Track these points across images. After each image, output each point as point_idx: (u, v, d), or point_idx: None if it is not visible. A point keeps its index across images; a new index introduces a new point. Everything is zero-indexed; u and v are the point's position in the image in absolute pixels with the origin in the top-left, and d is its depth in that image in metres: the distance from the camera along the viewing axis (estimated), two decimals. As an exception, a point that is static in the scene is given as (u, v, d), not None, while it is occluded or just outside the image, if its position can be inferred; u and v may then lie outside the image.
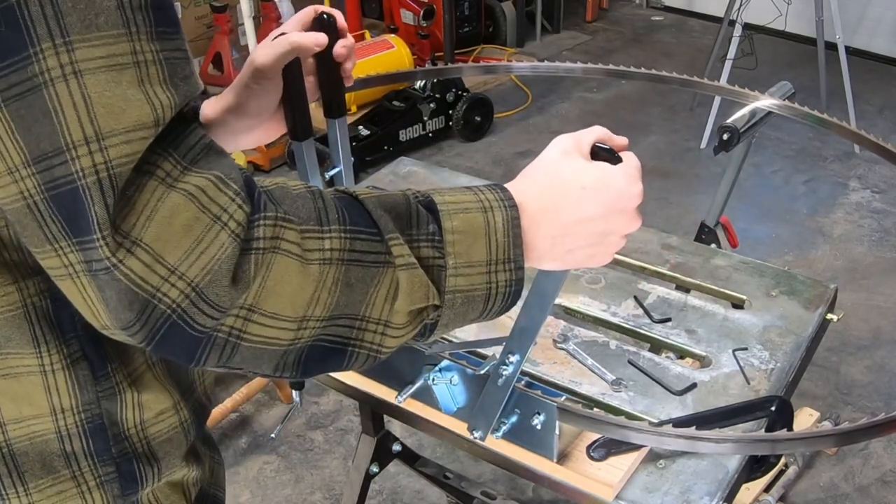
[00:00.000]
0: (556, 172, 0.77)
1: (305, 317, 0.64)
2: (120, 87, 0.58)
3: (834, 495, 2.36)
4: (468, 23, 5.03)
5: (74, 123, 0.57)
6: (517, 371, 1.01)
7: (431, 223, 0.70)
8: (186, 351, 0.62)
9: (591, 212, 0.76)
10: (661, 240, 1.60)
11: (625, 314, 1.41)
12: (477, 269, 0.70)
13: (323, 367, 0.68)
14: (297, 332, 0.64)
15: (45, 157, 0.58)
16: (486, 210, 0.72)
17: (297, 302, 0.63)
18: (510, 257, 0.72)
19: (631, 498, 1.10)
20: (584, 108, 4.54)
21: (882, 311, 3.04)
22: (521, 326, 0.96)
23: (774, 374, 1.28)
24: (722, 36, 4.01)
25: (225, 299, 0.61)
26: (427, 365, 1.14)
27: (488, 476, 2.40)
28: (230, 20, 4.51)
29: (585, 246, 0.77)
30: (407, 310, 0.68)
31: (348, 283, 0.65)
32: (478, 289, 0.71)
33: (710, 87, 1.69)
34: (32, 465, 0.78)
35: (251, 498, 2.42)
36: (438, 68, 3.28)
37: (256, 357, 0.64)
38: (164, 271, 0.59)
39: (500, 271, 0.72)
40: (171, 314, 0.60)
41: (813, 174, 3.91)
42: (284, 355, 0.65)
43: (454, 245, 0.70)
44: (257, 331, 0.63)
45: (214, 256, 0.60)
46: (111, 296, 0.59)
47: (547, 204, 0.75)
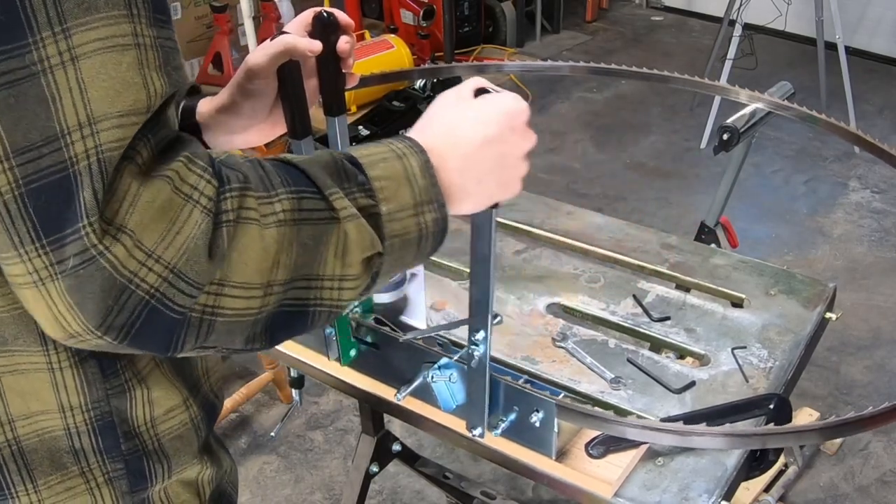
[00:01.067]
0: (445, 113, 0.82)
1: (270, 282, 0.65)
2: (120, 69, 0.58)
3: (834, 495, 2.36)
4: (468, 23, 5.03)
5: (70, 108, 0.57)
6: (488, 348, 1.01)
7: (360, 174, 0.72)
8: (164, 337, 0.62)
9: (485, 133, 0.79)
10: (661, 239, 1.60)
11: (624, 313, 1.42)
12: (407, 212, 0.73)
13: (289, 331, 0.69)
14: (264, 300, 0.65)
15: (30, 148, 0.57)
16: (400, 157, 0.75)
17: (263, 268, 0.64)
18: (432, 198, 0.75)
19: (630, 495, 1.10)
20: (584, 108, 4.54)
21: (882, 311, 3.04)
22: (476, 300, 0.97)
23: (773, 372, 1.28)
24: (722, 36, 4.01)
25: (203, 275, 0.61)
26: (426, 363, 1.14)
27: (488, 476, 2.40)
28: (230, 20, 4.52)
29: (491, 171, 0.80)
30: (360, 259, 0.70)
31: (303, 243, 0.66)
32: (411, 231, 0.74)
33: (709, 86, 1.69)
34: (41, 461, 0.78)
35: (251, 498, 2.42)
36: (438, 67, 3.28)
37: (230, 331, 0.65)
38: (141, 255, 0.59)
39: (427, 212, 0.75)
40: (150, 299, 0.60)
41: (813, 174, 3.91)
42: (254, 325, 0.66)
43: (383, 191, 0.72)
44: (230, 304, 0.63)
45: (190, 235, 0.60)
46: (92, 290, 0.59)
47: (446, 141, 0.79)
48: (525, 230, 1.65)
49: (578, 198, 3.70)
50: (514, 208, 1.71)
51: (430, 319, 1.37)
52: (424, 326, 1.25)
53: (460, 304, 1.43)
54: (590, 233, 1.62)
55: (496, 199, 0.83)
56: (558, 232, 1.63)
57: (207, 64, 4.63)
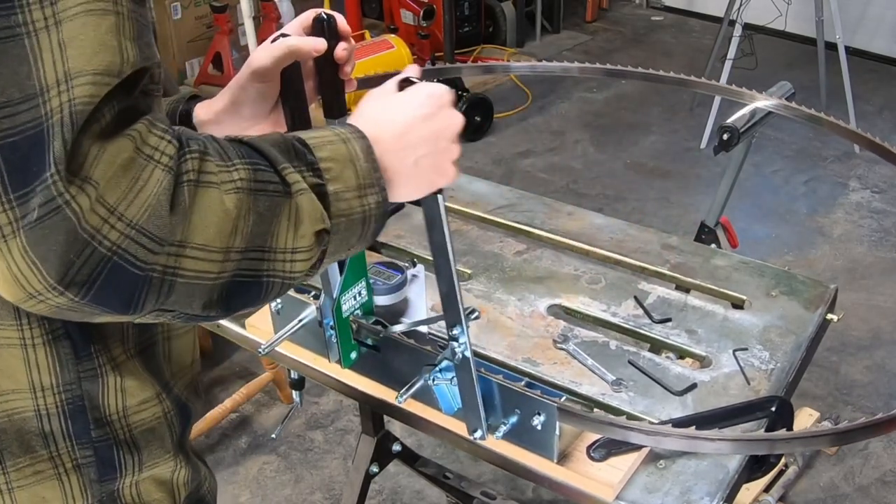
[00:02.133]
0: (377, 103, 0.85)
1: (229, 248, 0.66)
2: (99, 31, 0.61)
3: (834, 495, 2.36)
4: (468, 23, 5.03)
5: (50, 67, 0.59)
6: (468, 345, 1.02)
7: (308, 154, 0.74)
8: (125, 295, 0.63)
9: (414, 113, 0.83)
10: (661, 240, 1.60)
11: (625, 314, 1.41)
12: (352, 193, 0.75)
13: (243, 301, 0.71)
14: (223, 265, 0.66)
15: (9, 104, 0.58)
16: (344, 141, 0.77)
17: (223, 232, 0.66)
18: (374, 181, 0.77)
19: (631, 498, 1.10)
20: (584, 108, 4.54)
21: (882, 311, 3.04)
22: (444, 293, 0.97)
23: (774, 374, 1.28)
24: (722, 36, 4.01)
25: (165, 231, 0.62)
26: (427, 365, 1.14)
27: (488, 476, 2.40)
28: (230, 20, 4.51)
29: (426, 153, 0.83)
30: (311, 231, 0.72)
31: (259, 213, 0.68)
32: (356, 212, 0.76)
33: (709, 86, 1.69)
34: (10, 443, 0.78)
35: (251, 498, 2.42)
36: (438, 68, 3.27)
37: (189, 294, 0.66)
38: (104, 212, 0.60)
39: (369, 194, 0.77)
40: (112, 255, 0.61)
41: (813, 174, 3.91)
42: (211, 291, 0.67)
43: (329, 172, 0.74)
44: (190, 265, 0.65)
45: (153, 192, 0.62)
46: (55, 242, 0.59)
47: (381, 127, 0.81)
48: (525, 231, 1.65)
49: (578, 198, 3.70)
50: (515, 209, 1.71)
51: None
52: (425, 329, 1.25)
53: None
54: (590, 233, 1.62)
55: (435, 184, 0.87)
56: (559, 232, 1.63)
57: (207, 64, 4.62)
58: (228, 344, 2.49)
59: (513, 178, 3.88)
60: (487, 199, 1.74)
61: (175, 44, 4.62)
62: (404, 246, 1.61)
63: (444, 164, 0.86)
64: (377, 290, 1.29)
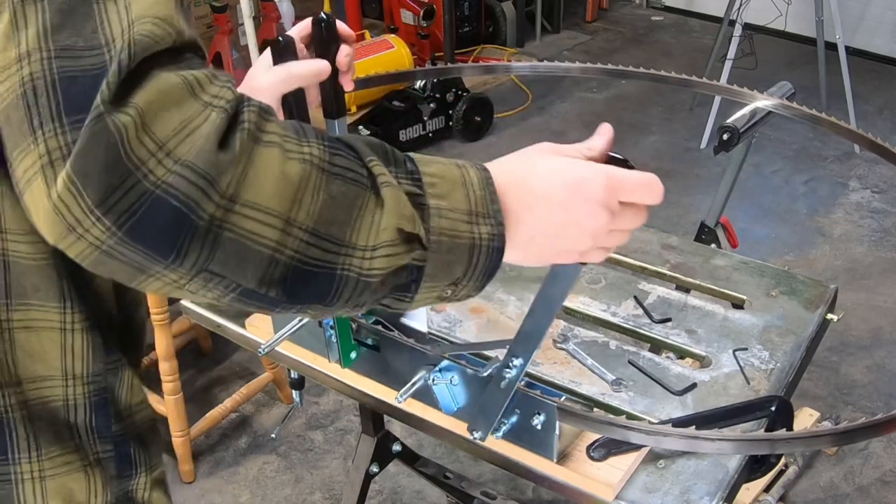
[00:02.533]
0: (525, 157, 0.77)
1: (290, 219, 0.61)
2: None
3: (834, 495, 2.36)
4: (468, 23, 5.03)
5: (116, 23, 0.60)
6: (520, 375, 1.01)
7: (409, 163, 0.69)
8: (167, 236, 0.58)
9: (552, 191, 0.74)
10: (661, 240, 1.60)
11: (625, 314, 1.41)
12: (459, 215, 0.68)
13: (311, 291, 0.64)
14: (283, 235, 0.61)
15: (73, 49, 0.59)
16: (459, 167, 0.72)
17: (281, 195, 0.61)
18: (490, 212, 0.70)
19: (631, 498, 1.10)
20: (584, 108, 4.54)
21: (882, 311, 3.04)
22: (526, 331, 0.97)
23: (774, 374, 1.28)
24: (722, 36, 4.01)
25: (214, 169, 0.58)
26: (427, 365, 1.14)
27: (488, 476, 2.40)
28: (230, 20, 4.51)
29: (545, 236, 0.75)
30: (394, 226, 0.65)
31: (331, 195, 0.63)
32: (462, 235, 0.68)
33: (709, 86, 1.69)
34: (46, 430, 0.78)
35: (251, 498, 2.42)
36: (438, 68, 3.28)
37: (241, 256, 0.60)
38: (152, 146, 0.58)
39: (482, 224, 0.70)
40: (156, 190, 0.57)
41: (813, 174, 3.91)
42: (269, 264, 0.61)
43: (434, 187, 0.68)
44: (240, 222, 0.60)
45: (204, 130, 0.59)
46: (96, 158, 0.57)
47: (513, 178, 0.74)
48: (526, 231, 1.65)
49: (578, 198, 3.69)
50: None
51: (430, 321, 1.37)
52: (425, 328, 1.25)
53: (460, 304, 1.43)
54: (590, 234, 1.62)
55: (545, 262, 0.78)
56: (559, 233, 1.63)
57: (208, 64, 4.62)
58: (228, 344, 2.48)
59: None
60: (487, 199, 1.73)
61: (175, 44, 4.61)
62: (404, 246, 1.60)
63: (567, 252, 0.77)
64: (377, 290, 1.29)
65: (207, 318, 1.47)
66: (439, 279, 0.69)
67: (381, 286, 0.67)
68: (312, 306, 0.66)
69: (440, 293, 0.71)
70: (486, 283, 0.72)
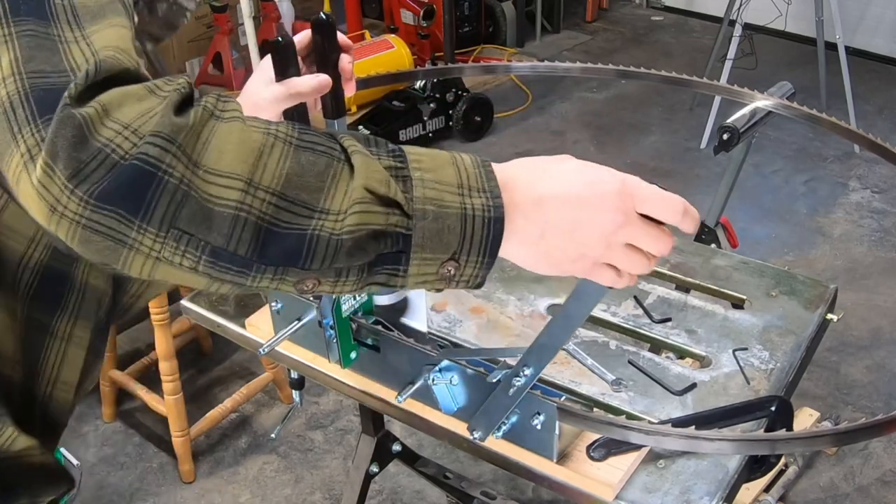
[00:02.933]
0: (542, 160, 0.76)
1: (252, 181, 0.63)
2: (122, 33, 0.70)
3: (834, 495, 2.36)
4: (468, 23, 5.03)
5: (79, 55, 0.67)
6: (529, 384, 1.02)
7: (392, 146, 0.69)
8: (134, 192, 0.61)
9: (566, 188, 0.73)
10: (661, 240, 1.60)
11: (625, 314, 1.41)
12: (447, 187, 0.68)
13: (280, 249, 0.64)
14: (246, 196, 0.62)
15: (42, 73, 0.66)
16: (451, 153, 0.72)
17: (243, 159, 0.63)
18: (485, 188, 0.69)
19: (631, 498, 1.10)
20: (584, 108, 4.54)
21: (882, 311, 3.04)
22: (542, 343, 0.97)
23: (774, 374, 1.28)
24: (722, 36, 4.01)
25: (172, 131, 0.62)
26: (427, 365, 1.14)
27: (488, 476, 2.40)
28: (230, 20, 4.51)
29: (555, 236, 0.73)
30: (362, 185, 0.65)
31: (299, 162, 0.64)
32: (450, 205, 0.67)
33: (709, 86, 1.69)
34: None
35: (251, 498, 2.42)
36: (438, 68, 3.28)
37: (205, 216, 0.62)
38: (117, 127, 0.62)
39: (474, 196, 0.68)
40: (122, 160, 0.61)
41: (813, 174, 3.91)
42: (235, 222, 0.63)
43: (419, 163, 0.68)
44: (204, 187, 0.62)
45: (162, 110, 0.63)
46: (64, 138, 0.61)
47: (523, 173, 0.74)
48: (525, 231, 1.65)
49: (578, 198, 3.69)
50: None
51: (430, 321, 1.37)
52: (425, 328, 1.25)
53: (461, 304, 1.43)
54: (590, 234, 1.62)
55: (556, 269, 0.76)
56: (559, 233, 1.63)
57: (207, 64, 4.62)
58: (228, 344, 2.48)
59: (513, 178, 3.88)
60: (487, 199, 1.73)
61: (175, 44, 4.62)
62: (404, 246, 1.60)
63: (578, 258, 0.75)
64: (377, 290, 1.29)
65: (207, 318, 1.47)
66: (432, 251, 0.68)
67: (358, 250, 0.66)
68: (288, 270, 0.65)
69: (439, 270, 0.70)
70: (491, 260, 0.71)
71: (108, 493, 2.43)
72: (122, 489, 2.44)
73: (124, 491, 2.44)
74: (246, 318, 1.42)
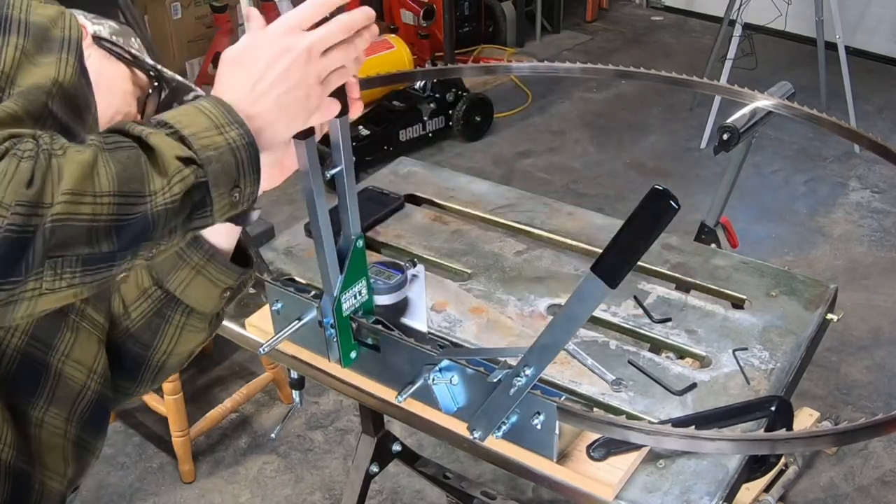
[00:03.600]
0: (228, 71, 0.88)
1: (95, 192, 0.71)
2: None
3: (834, 495, 2.36)
4: (468, 23, 5.03)
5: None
6: (530, 384, 1.02)
7: (153, 120, 0.80)
8: (16, 252, 0.68)
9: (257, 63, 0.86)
10: (661, 240, 1.60)
11: (625, 314, 1.41)
12: (210, 132, 0.80)
13: (133, 232, 0.74)
14: (95, 207, 0.71)
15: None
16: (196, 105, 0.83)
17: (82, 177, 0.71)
18: (231, 121, 0.82)
19: (631, 498, 1.10)
20: (584, 108, 4.54)
21: (882, 311, 3.04)
22: (543, 343, 0.97)
23: (774, 374, 1.28)
24: (722, 36, 4.01)
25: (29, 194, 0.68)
26: (427, 365, 1.14)
27: (488, 476, 2.40)
28: (230, 20, 4.51)
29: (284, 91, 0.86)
30: (173, 155, 0.76)
31: (119, 161, 0.73)
32: (220, 145, 0.80)
33: (709, 86, 1.69)
34: None
35: (251, 498, 2.42)
36: (438, 68, 3.28)
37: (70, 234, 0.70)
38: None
39: (230, 131, 0.81)
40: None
41: (813, 174, 3.91)
42: (92, 229, 0.71)
43: (179, 123, 0.79)
44: (62, 213, 0.69)
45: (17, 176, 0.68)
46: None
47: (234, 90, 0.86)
48: (525, 231, 1.65)
49: (578, 198, 3.70)
50: (515, 209, 1.71)
51: (430, 321, 1.37)
52: (425, 328, 1.25)
53: (461, 304, 1.43)
54: (590, 233, 1.62)
55: (312, 110, 0.89)
56: (559, 232, 1.63)
57: (207, 64, 4.62)
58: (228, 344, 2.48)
59: (513, 178, 3.88)
60: (488, 199, 1.74)
61: (175, 44, 4.62)
62: (404, 246, 1.61)
63: (311, 91, 0.88)
64: (377, 290, 1.29)
65: (207, 318, 1.47)
66: (223, 185, 0.80)
67: (181, 210, 0.77)
68: (142, 246, 0.75)
69: (230, 199, 0.82)
70: (258, 176, 0.84)
71: (108, 493, 2.43)
72: (122, 489, 2.44)
73: (124, 491, 2.44)
74: (246, 318, 1.42)
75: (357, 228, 1.12)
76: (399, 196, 1.72)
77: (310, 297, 1.22)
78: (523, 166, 4.00)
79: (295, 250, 1.60)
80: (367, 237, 1.60)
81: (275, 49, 0.86)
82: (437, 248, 1.59)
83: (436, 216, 1.69)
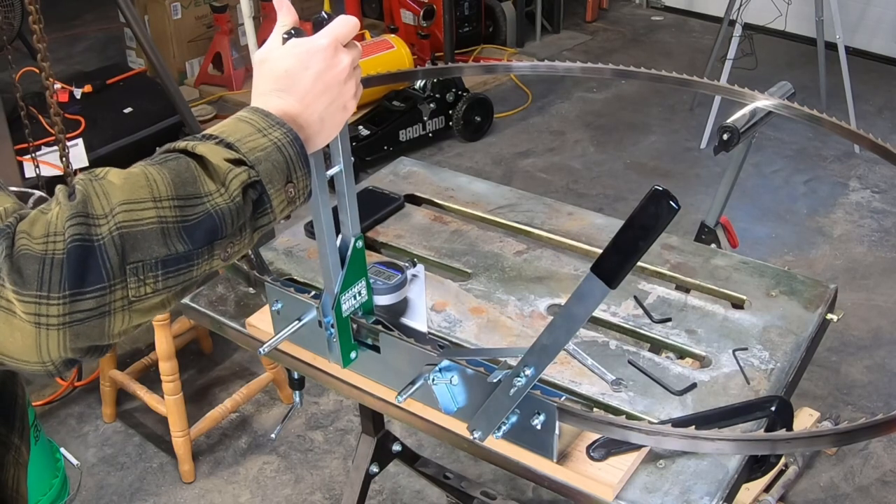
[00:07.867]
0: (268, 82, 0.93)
1: (155, 197, 0.76)
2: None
3: (834, 495, 2.36)
4: (468, 23, 5.03)
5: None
6: (530, 384, 1.02)
7: (195, 134, 0.85)
8: (89, 261, 0.73)
9: (304, 79, 0.92)
10: (661, 240, 1.60)
11: (625, 314, 1.41)
12: (253, 137, 0.84)
13: (203, 230, 0.79)
14: (159, 211, 0.76)
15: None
16: (236, 116, 0.87)
17: (137, 187, 0.76)
18: (273, 124, 0.86)
19: (631, 498, 1.10)
20: (583, 108, 4.54)
21: (882, 311, 3.04)
22: (543, 344, 0.97)
23: (774, 374, 1.28)
24: (722, 36, 4.01)
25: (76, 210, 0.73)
26: (427, 365, 1.14)
27: (488, 476, 2.40)
28: (230, 20, 4.52)
29: (327, 104, 0.93)
30: (222, 157, 0.81)
31: (171, 169, 0.79)
32: (267, 147, 0.84)
33: (709, 86, 1.69)
34: None
35: (251, 498, 2.42)
36: (438, 68, 3.28)
37: (142, 238, 0.75)
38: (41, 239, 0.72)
39: (273, 132, 0.85)
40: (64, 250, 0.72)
41: (813, 174, 3.91)
42: (163, 231, 0.76)
43: (223, 134, 0.84)
44: (126, 220, 0.74)
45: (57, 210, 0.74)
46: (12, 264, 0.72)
47: (281, 102, 0.90)
48: (525, 231, 1.65)
49: (578, 198, 3.70)
50: (515, 209, 1.71)
51: (430, 321, 1.37)
52: (425, 328, 1.25)
53: (460, 304, 1.43)
54: (590, 233, 1.62)
55: (343, 122, 0.98)
56: (559, 232, 1.63)
57: (207, 64, 4.62)
58: (228, 344, 2.48)
59: (513, 178, 3.88)
60: (487, 199, 1.74)
61: (175, 44, 4.62)
62: (404, 246, 1.61)
63: (348, 103, 0.97)
64: (377, 290, 1.29)
65: (208, 318, 1.47)
66: (277, 181, 0.85)
67: (244, 206, 0.82)
68: (216, 244, 0.80)
69: (286, 195, 0.86)
70: (308, 170, 0.88)
71: (108, 493, 2.43)
72: (122, 489, 2.44)
73: (124, 491, 2.44)
74: (246, 318, 1.42)
75: (356, 229, 1.12)
76: (399, 196, 1.72)
77: (310, 298, 1.22)
78: (523, 166, 4.00)
79: (295, 250, 1.60)
80: (368, 237, 1.60)
81: (323, 64, 0.93)
82: (436, 249, 1.59)
83: (436, 216, 1.69)
